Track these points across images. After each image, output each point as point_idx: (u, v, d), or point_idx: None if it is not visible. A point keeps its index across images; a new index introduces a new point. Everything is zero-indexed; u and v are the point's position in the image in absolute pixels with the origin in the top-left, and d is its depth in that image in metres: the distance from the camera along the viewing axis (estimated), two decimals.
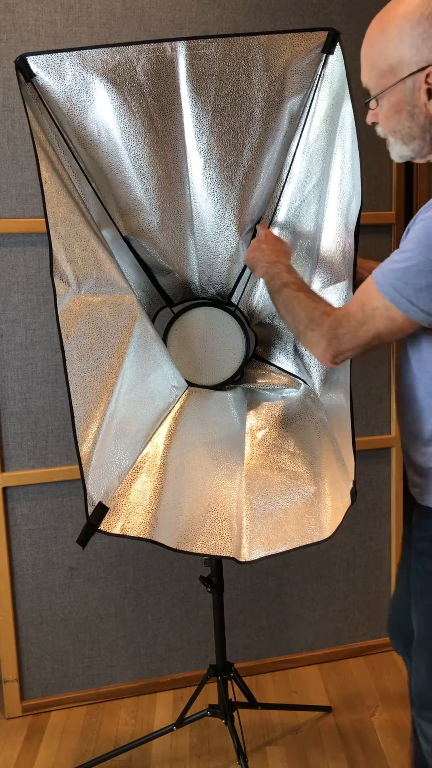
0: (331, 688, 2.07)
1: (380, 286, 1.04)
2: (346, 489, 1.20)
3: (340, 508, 1.21)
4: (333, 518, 1.23)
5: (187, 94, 1.31)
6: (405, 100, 1.05)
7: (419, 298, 1.00)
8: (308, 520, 1.27)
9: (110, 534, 1.23)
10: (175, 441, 1.43)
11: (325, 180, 1.39)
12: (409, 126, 1.07)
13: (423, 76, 1.02)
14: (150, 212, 1.43)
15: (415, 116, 1.06)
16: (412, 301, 1.01)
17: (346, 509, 1.16)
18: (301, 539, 1.24)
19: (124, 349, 1.34)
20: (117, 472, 1.32)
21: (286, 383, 1.63)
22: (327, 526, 1.23)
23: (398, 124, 1.08)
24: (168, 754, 1.82)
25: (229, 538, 1.28)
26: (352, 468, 1.18)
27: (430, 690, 1.23)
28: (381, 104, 1.09)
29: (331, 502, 1.27)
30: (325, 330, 1.13)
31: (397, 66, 1.04)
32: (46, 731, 1.92)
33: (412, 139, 1.08)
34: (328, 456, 1.36)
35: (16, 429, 1.85)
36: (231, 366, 1.61)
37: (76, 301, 1.25)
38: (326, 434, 1.42)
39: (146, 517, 1.27)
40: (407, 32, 1.01)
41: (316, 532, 1.24)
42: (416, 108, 1.05)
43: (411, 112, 1.06)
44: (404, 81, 1.04)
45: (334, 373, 1.44)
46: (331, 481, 1.31)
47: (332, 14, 1.83)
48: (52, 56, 1.25)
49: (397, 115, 1.07)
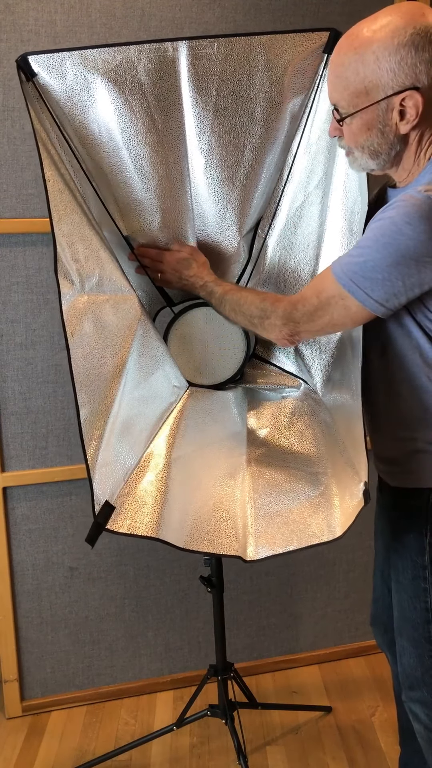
0: (331, 688, 2.07)
1: (338, 278, 1.11)
2: (355, 489, 1.20)
3: (349, 508, 1.21)
4: (343, 518, 1.22)
5: (189, 94, 1.31)
6: (378, 119, 1.10)
7: (374, 290, 1.08)
8: (314, 519, 1.26)
9: (117, 533, 1.23)
10: (178, 440, 1.43)
11: (328, 179, 1.39)
12: (378, 143, 1.13)
13: (398, 99, 1.07)
14: (151, 212, 1.43)
15: (385, 134, 1.11)
16: (367, 292, 1.08)
17: (358, 510, 1.16)
18: (307, 539, 1.24)
19: (127, 348, 1.34)
20: (122, 471, 1.32)
21: (286, 383, 1.63)
22: (337, 526, 1.23)
23: (367, 140, 1.13)
24: (168, 754, 1.82)
25: (234, 537, 1.28)
26: (364, 469, 1.18)
27: (417, 668, 1.25)
28: (351, 122, 1.13)
29: (339, 502, 1.26)
30: (280, 313, 1.23)
31: (372, 89, 1.08)
32: (46, 731, 1.92)
33: (378, 154, 1.14)
34: (333, 456, 1.36)
35: (16, 429, 1.85)
36: (231, 366, 1.61)
37: (80, 299, 1.25)
38: (330, 434, 1.42)
39: (153, 516, 1.27)
40: (385, 58, 1.05)
41: (324, 531, 1.23)
42: (387, 127, 1.10)
43: (382, 131, 1.11)
44: (378, 103, 1.08)
45: (336, 372, 1.44)
46: (338, 481, 1.30)
47: (332, 14, 1.83)
48: (54, 56, 1.25)
49: (368, 133, 1.12)
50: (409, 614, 1.25)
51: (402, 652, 1.28)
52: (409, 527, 1.25)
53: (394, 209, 1.06)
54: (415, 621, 1.24)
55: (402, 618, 1.27)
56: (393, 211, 1.06)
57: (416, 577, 1.23)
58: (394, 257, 1.04)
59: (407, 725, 1.51)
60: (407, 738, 1.53)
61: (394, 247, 1.04)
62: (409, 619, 1.25)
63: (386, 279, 1.06)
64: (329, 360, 1.48)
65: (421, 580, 1.22)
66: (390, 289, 1.07)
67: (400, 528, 1.27)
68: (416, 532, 1.23)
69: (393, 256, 1.04)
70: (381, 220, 1.07)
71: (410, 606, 1.24)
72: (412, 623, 1.25)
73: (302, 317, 1.20)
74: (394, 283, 1.06)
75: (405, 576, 1.25)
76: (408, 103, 1.06)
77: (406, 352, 1.19)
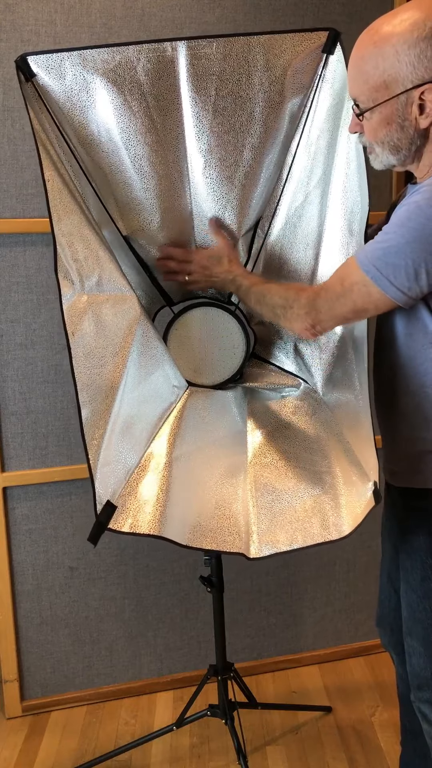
0: (331, 688, 2.07)
1: (362, 264, 1.11)
2: (362, 488, 1.20)
3: (357, 507, 1.21)
4: (350, 517, 1.22)
5: (188, 94, 1.31)
6: (397, 113, 1.10)
7: (396, 277, 1.07)
8: (318, 518, 1.26)
9: (120, 532, 1.23)
10: (178, 440, 1.43)
11: (327, 178, 1.39)
12: (398, 138, 1.12)
13: (418, 93, 1.07)
14: (150, 212, 1.43)
15: (405, 129, 1.11)
16: (390, 279, 1.08)
17: (368, 509, 1.16)
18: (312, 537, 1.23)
19: (127, 347, 1.34)
20: (123, 470, 1.32)
21: (286, 382, 1.63)
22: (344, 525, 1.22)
23: (387, 135, 1.12)
24: (168, 754, 1.82)
25: (237, 535, 1.28)
26: (373, 468, 1.18)
27: (427, 669, 1.25)
28: (371, 116, 1.13)
29: (346, 501, 1.26)
30: (303, 303, 1.22)
31: (391, 82, 1.08)
32: (46, 731, 1.92)
33: (399, 150, 1.14)
34: (337, 455, 1.36)
35: (16, 429, 1.85)
36: (231, 365, 1.61)
37: (80, 299, 1.25)
38: (332, 433, 1.42)
39: (155, 515, 1.27)
40: (404, 51, 1.05)
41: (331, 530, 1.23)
42: (407, 121, 1.10)
43: (401, 125, 1.10)
44: (398, 96, 1.08)
45: (337, 371, 1.44)
46: (344, 480, 1.30)
47: (332, 14, 1.83)
48: (53, 56, 1.25)
49: (388, 127, 1.12)
50: (419, 615, 1.25)
51: (411, 652, 1.28)
52: (417, 528, 1.24)
53: (420, 194, 1.06)
54: (425, 622, 1.24)
55: (411, 619, 1.27)
56: (418, 196, 1.06)
57: (426, 578, 1.22)
58: (418, 241, 1.03)
59: (410, 726, 1.50)
60: (409, 738, 1.53)
61: (419, 231, 1.03)
62: (419, 619, 1.25)
63: (408, 265, 1.05)
64: (329, 359, 1.48)
65: (431, 581, 1.22)
66: (412, 275, 1.06)
67: (408, 529, 1.27)
68: (425, 532, 1.22)
69: (418, 240, 1.04)
70: (406, 205, 1.07)
71: (420, 607, 1.24)
72: (422, 624, 1.24)
73: (324, 305, 1.19)
74: (417, 268, 1.05)
75: (414, 577, 1.25)
76: (427, 96, 1.06)
77: (419, 348, 1.18)
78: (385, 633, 1.47)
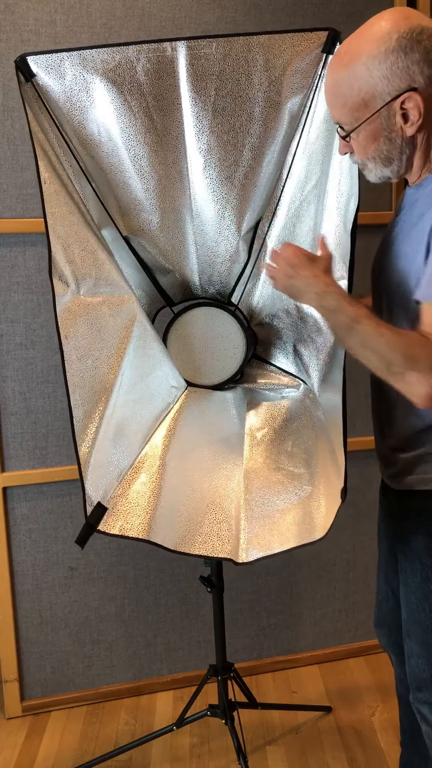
0: (331, 688, 2.07)
1: None
2: (338, 488, 1.21)
3: (332, 507, 1.22)
4: (326, 518, 1.23)
5: (187, 94, 1.31)
6: (382, 127, 1.10)
7: None
8: (304, 520, 1.27)
9: (109, 534, 1.24)
10: (174, 441, 1.43)
11: (324, 179, 1.39)
12: (387, 149, 1.12)
13: (398, 103, 1.07)
14: (150, 212, 1.43)
15: (392, 140, 1.11)
16: None
17: (337, 508, 1.17)
18: (297, 539, 1.24)
19: (123, 349, 1.34)
20: (116, 472, 1.32)
21: (285, 383, 1.63)
22: (320, 526, 1.23)
23: (376, 150, 1.13)
24: (168, 754, 1.82)
25: (227, 539, 1.28)
26: (342, 468, 1.18)
27: (426, 670, 1.25)
28: (357, 136, 1.13)
29: (325, 502, 1.27)
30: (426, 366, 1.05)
31: (370, 99, 1.08)
32: (46, 731, 1.92)
33: (391, 161, 1.14)
34: (324, 456, 1.36)
35: (16, 429, 1.85)
36: (231, 366, 1.61)
37: (75, 301, 1.25)
38: (323, 434, 1.42)
39: (145, 518, 1.27)
40: (376, 67, 1.05)
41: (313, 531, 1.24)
42: (393, 132, 1.10)
43: (389, 137, 1.11)
44: (379, 111, 1.08)
45: (332, 372, 1.44)
46: (326, 482, 1.31)
47: (332, 14, 1.83)
48: (52, 56, 1.25)
49: (376, 143, 1.12)
50: (418, 616, 1.24)
51: (410, 653, 1.28)
52: (415, 530, 1.24)
53: None
54: (424, 623, 1.24)
55: (410, 620, 1.27)
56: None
57: (425, 579, 1.22)
58: None
59: (410, 726, 1.50)
60: (409, 739, 1.52)
61: None
62: (418, 621, 1.25)
63: None
64: (326, 360, 1.48)
65: (430, 582, 1.22)
66: None
67: (406, 530, 1.27)
68: (423, 534, 1.22)
69: None
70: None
71: (419, 608, 1.24)
72: (421, 625, 1.24)
73: None
74: None
75: (413, 578, 1.25)
76: (408, 104, 1.06)
77: None
78: (384, 634, 1.47)
